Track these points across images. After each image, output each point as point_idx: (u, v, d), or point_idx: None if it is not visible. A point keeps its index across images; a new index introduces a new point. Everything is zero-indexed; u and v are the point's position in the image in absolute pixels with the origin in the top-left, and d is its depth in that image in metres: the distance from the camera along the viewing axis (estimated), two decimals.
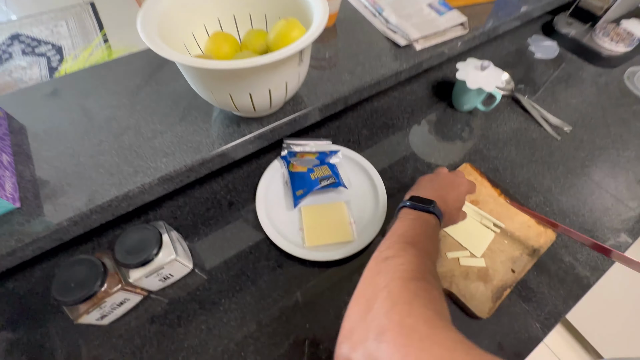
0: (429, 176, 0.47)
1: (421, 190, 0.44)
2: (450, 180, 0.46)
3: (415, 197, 0.41)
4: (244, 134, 0.50)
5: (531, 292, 0.49)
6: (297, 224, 0.53)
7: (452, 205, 0.43)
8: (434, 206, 0.39)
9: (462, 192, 0.45)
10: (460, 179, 0.47)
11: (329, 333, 0.45)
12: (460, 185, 0.46)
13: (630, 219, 0.57)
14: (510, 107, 0.73)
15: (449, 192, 0.44)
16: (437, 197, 0.41)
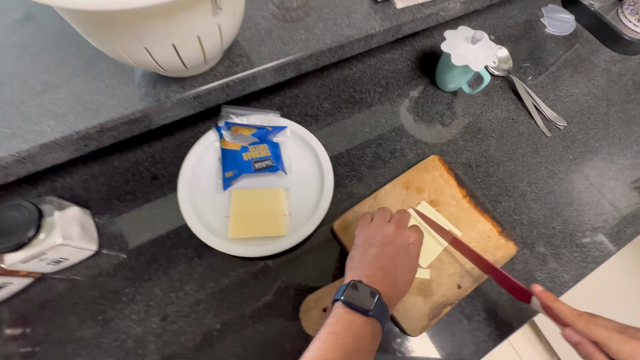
0: (369, 234, 0.38)
1: (363, 265, 0.35)
2: (399, 242, 0.37)
3: (354, 286, 0.32)
4: (159, 98, 0.40)
5: (475, 311, 0.44)
6: (225, 210, 0.46)
7: (402, 282, 0.35)
8: (377, 305, 0.31)
9: (413, 256, 0.37)
10: (411, 235, 0.38)
11: (243, 335, 0.40)
12: (413, 246, 0.37)
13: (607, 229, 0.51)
14: (502, 91, 0.62)
15: (399, 263, 0.35)
16: (384, 276, 0.34)
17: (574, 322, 0.32)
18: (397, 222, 0.38)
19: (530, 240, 0.49)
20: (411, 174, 0.50)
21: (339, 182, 0.51)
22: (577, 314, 0.32)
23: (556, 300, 0.34)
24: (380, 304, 0.32)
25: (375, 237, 0.37)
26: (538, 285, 0.36)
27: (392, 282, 0.34)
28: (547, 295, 0.35)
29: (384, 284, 0.33)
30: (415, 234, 0.38)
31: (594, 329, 0.31)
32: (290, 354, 0.40)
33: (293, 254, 0.45)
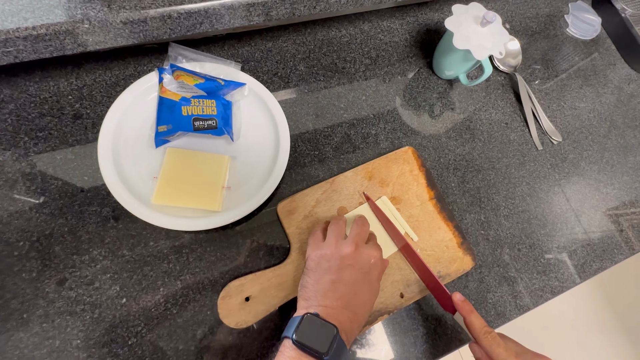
0: (324, 257, 0.33)
1: (319, 294, 0.30)
2: (359, 264, 0.32)
3: (308, 321, 0.27)
4: (74, 14, 0.31)
5: (414, 324, 0.40)
6: (155, 171, 0.39)
7: (362, 311, 0.31)
8: (334, 345, 0.27)
9: (375, 280, 0.33)
10: (371, 254, 0.33)
11: (151, 314, 0.35)
12: (374, 267, 0.33)
13: (574, 260, 0.47)
14: (502, 90, 0.55)
15: (360, 289, 0.31)
16: (344, 307, 0.30)
17: (479, 338, 0.32)
18: (356, 240, 0.33)
19: (491, 259, 0.45)
20: (378, 163, 0.43)
21: (297, 161, 0.44)
22: (485, 331, 0.32)
23: (472, 312, 0.34)
24: (338, 343, 0.27)
25: (332, 261, 0.32)
26: (458, 294, 0.35)
27: (352, 313, 0.30)
28: (464, 305, 0.34)
29: (343, 317, 0.29)
30: (376, 253, 0.34)
31: (495, 348, 0.31)
32: (201, 342, 0.36)
33: (227, 232, 0.40)
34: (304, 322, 0.28)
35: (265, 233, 0.41)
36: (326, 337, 0.27)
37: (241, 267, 0.39)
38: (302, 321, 0.28)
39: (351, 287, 0.30)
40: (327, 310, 0.29)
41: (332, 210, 0.41)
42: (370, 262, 0.32)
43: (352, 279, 0.31)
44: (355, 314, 0.30)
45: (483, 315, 0.42)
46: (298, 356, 0.26)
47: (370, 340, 0.39)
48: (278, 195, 0.42)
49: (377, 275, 0.33)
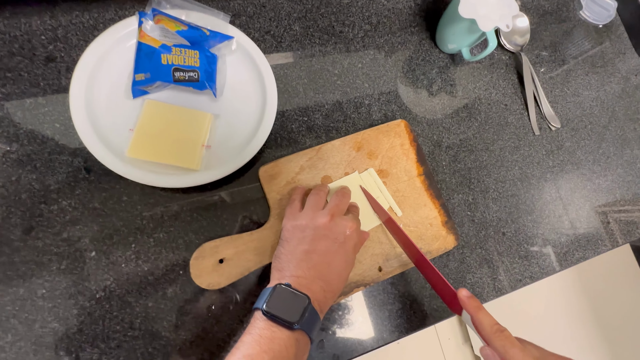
0: (298, 227, 0.32)
1: (292, 264, 0.29)
2: (334, 235, 0.31)
3: (279, 292, 0.27)
4: None
5: (389, 299, 0.40)
6: (132, 123, 0.37)
7: (336, 282, 0.30)
8: (305, 315, 0.26)
9: (350, 250, 0.31)
10: (347, 225, 0.32)
11: (121, 270, 0.34)
12: (349, 238, 0.31)
13: (557, 248, 0.47)
14: (505, 70, 0.53)
15: (334, 259, 0.30)
16: (317, 277, 0.29)
17: (490, 338, 0.28)
18: (332, 211, 0.32)
19: (474, 240, 0.45)
20: (368, 134, 0.42)
21: (284, 125, 0.42)
22: (497, 330, 0.28)
23: (480, 309, 0.30)
24: (310, 312, 0.27)
25: (306, 231, 0.31)
26: (465, 290, 0.31)
27: (325, 283, 0.29)
28: (471, 302, 0.30)
29: (315, 286, 0.29)
30: (352, 224, 0.32)
31: (509, 349, 0.27)
32: (171, 300, 0.35)
33: (205, 193, 0.38)
34: (275, 293, 0.27)
35: (245, 197, 0.39)
36: (297, 307, 0.26)
37: (218, 229, 0.38)
38: (273, 292, 0.27)
39: (324, 257, 0.30)
40: (300, 280, 0.28)
41: (316, 178, 0.39)
42: (346, 233, 0.31)
43: (326, 249, 0.30)
44: (328, 284, 0.29)
45: None
46: (268, 327, 0.26)
47: (345, 312, 0.39)
48: (262, 159, 0.41)
49: (352, 246, 0.32)
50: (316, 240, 0.30)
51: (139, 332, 0.34)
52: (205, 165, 0.37)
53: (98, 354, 0.33)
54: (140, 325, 0.34)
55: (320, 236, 0.31)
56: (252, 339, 0.25)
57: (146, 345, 0.34)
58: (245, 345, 0.25)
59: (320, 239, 0.30)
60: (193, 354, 0.34)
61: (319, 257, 0.30)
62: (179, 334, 0.34)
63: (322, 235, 0.31)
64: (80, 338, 0.32)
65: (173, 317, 0.35)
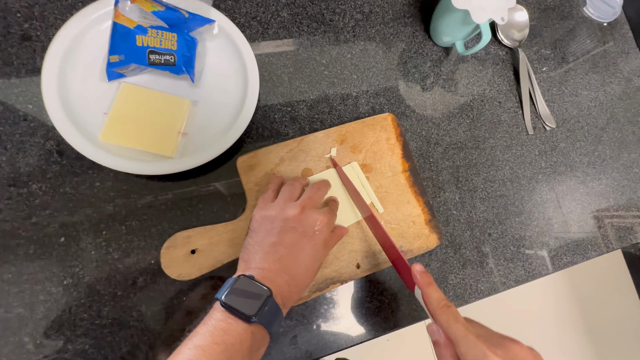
0: (267, 218, 0.31)
1: (257, 256, 0.29)
2: (303, 228, 0.30)
3: (241, 283, 0.26)
4: None
5: (367, 296, 0.39)
6: (106, 106, 0.36)
7: (303, 276, 0.29)
8: (264, 309, 0.25)
9: (319, 245, 0.30)
10: (318, 218, 0.31)
11: (90, 257, 0.34)
12: (319, 232, 0.30)
13: (545, 251, 0.46)
14: (501, 66, 0.51)
15: (300, 253, 0.29)
16: (281, 270, 0.28)
17: (435, 312, 0.27)
18: (304, 203, 0.31)
19: (459, 240, 0.44)
20: (353, 127, 0.40)
21: (266, 115, 0.41)
22: (444, 305, 0.27)
23: (430, 284, 0.29)
24: (271, 306, 0.26)
25: (275, 222, 0.30)
26: (419, 265, 0.30)
27: (291, 277, 0.29)
28: (424, 277, 0.29)
29: (280, 280, 0.28)
30: (323, 218, 0.31)
31: (452, 324, 0.26)
32: (141, 290, 0.34)
33: (181, 182, 0.37)
34: (236, 284, 0.26)
35: (223, 187, 0.38)
36: (257, 299, 0.26)
37: (193, 219, 0.37)
38: (235, 283, 0.27)
39: (291, 250, 0.29)
40: (264, 273, 0.28)
41: (296, 170, 0.38)
42: (315, 227, 0.30)
43: (293, 242, 0.29)
44: (293, 278, 0.29)
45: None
46: (224, 318, 0.25)
47: (321, 308, 0.38)
48: (243, 150, 0.39)
49: (322, 241, 0.31)
50: (284, 232, 0.29)
51: (107, 320, 0.33)
52: (181, 153, 0.36)
53: (64, 341, 0.32)
54: (108, 314, 0.33)
55: (288, 228, 0.30)
56: (206, 329, 0.25)
57: (113, 335, 0.33)
58: (198, 335, 0.24)
59: (288, 231, 0.29)
60: (161, 344, 0.34)
61: (285, 250, 0.29)
62: (148, 325, 0.34)
63: (290, 227, 0.30)
64: (46, 324, 0.32)
65: (142, 307, 0.34)
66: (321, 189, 0.33)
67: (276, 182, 0.35)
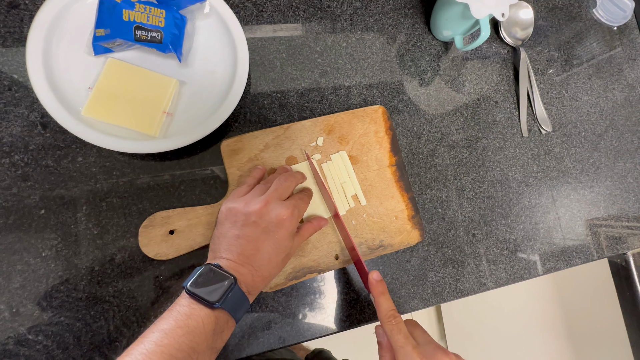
0: (232, 211, 0.31)
1: (223, 247, 0.30)
2: (264, 223, 0.30)
3: (208, 272, 0.27)
4: None
5: (343, 288, 0.39)
6: (92, 81, 0.35)
7: (267, 267, 0.30)
8: (228, 295, 0.26)
9: (281, 239, 0.31)
10: (281, 213, 0.31)
11: (69, 231, 0.34)
12: (280, 227, 0.30)
13: (527, 254, 0.46)
14: (501, 65, 0.50)
15: (262, 247, 0.30)
16: (245, 261, 0.29)
17: (383, 321, 0.31)
18: (268, 197, 0.31)
19: (442, 239, 0.43)
20: (342, 117, 0.40)
21: (255, 100, 0.40)
22: (391, 315, 0.30)
23: (383, 294, 0.32)
24: (235, 293, 0.27)
25: (238, 216, 0.31)
26: (376, 272, 0.33)
27: (255, 269, 0.29)
28: (378, 285, 0.33)
29: (244, 270, 0.29)
30: (286, 212, 0.31)
31: (395, 334, 0.29)
32: (118, 267, 0.34)
33: (165, 163, 0.37)
34: (202, 273, 0.27)
35: (206, 171, 0.38)
36: (221, 287, 0.26)
37: (174, 200, 0.37)
38: (201, 271, 0.27)
39: (253, 243, 0.30)
40: (229, 263, 0.29)
41: (280, 158, 0.38)
42: (276, 222, 0.30)
43: (254, 236, 0.30)
44: (257, 269, 0.29)
45: (418, 292, 0.41)
46: (189, 304, 0.26)
47: (298, 296, 0.38)
48: (229, 135, 0.39)
49: (285, 234, 0.31)
50: (246, 226, 0.30)
51: (83, 294, 0.33)
52: (165, 133, 0.36)
53: (39, 311, 0.32)
54: (85, 288, 0.34)
55: (250, 223, 0.30)
56: (170, 314, 0.25)
57: (88, 308, 0.33)
58: (162, 320, 0.25)
59: (250, 225, 0.30)
60: (135, 321, 0.34)
61: (247, 243, 0.29)
62: (123, 301, 0.34)
63: (251, 222, 0.30)
64: (22, 294, 0.32)
65: (119, 283, 0.34)
66: (288, 179, 0.33)
67: (256, 175, 0.35)
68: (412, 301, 0.41)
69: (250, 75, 0.41)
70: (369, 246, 0.39)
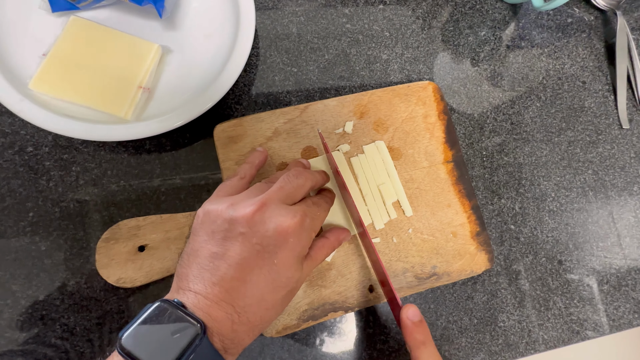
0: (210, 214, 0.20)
1: (192, 271, 0.19)
2: (256, 237, 0.19)
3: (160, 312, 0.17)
4: None
5: (376, 333, 0.28)
6: (47, 46, 0.27)
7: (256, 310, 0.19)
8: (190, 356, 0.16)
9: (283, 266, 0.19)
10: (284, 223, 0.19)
11: (5, 246, 0.25)
12: (279, 246, 0.19)
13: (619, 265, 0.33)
14: (588, 35, 0.38)
15: (251, 276, 0.19)
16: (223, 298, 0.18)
17: None
18: (266, 199, 0.20)
19: (516, 267, 0.31)
20: (378, 95, 0.29)
21: (264, 76, 0.31)
22: None
23: (425, 345, 0.22)
24: (202, 352, 0.16)
25: (218, 223, 0.20)
26: (412, 308, 0.22)
27: (236, 311, 0.18)
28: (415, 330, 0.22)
29: (219, 312, 0.18)
30: (292, 221, 0.19)
31: None
32: (71, 297, 0.25)
33: (142, 156, 0.28)
34: (150, 315, 0.17)
35: (195, 168, 0.28)
36: (178, 341, 0.16)
37: (150, 205, 0.27)
38: (150, 313, 0.17)
39: (238, 269, 0.18)
40: (197, 299, 0.17)
41: (294, 148, 0.27)
42: (275, 236, 0.19)
43: (240, 257, 0.18)
44: (240, 313, 0.18)
45: (485, 342, 0.29)
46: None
47: (300, 344, 0.27)
48: (226, 115, 0.29)
49: (288, 258, 0.19)
50: (228, 240, 0.19)
51: (19, 334, 0.24)
52: (139, 115, 0.27)
53: None
54: (23, 325, 0.24)
55: (234, 235, 0.19)
56: None
57: (25, 356, 0.24)
58: None
59: (235, 238, 0.19)
60: None
61: (229, 269, 0.18)
62: (75, 345, 0.25)
63: (237, 233, 0.19)
64: None
65: (70, 319, 0.25)
66: (301, 177, 0.22)
67: (252, 162, 0.24)
68: (476, 355, 0.29)
69: (258, 43, 0.31)
70: (416, 274, 0.27)
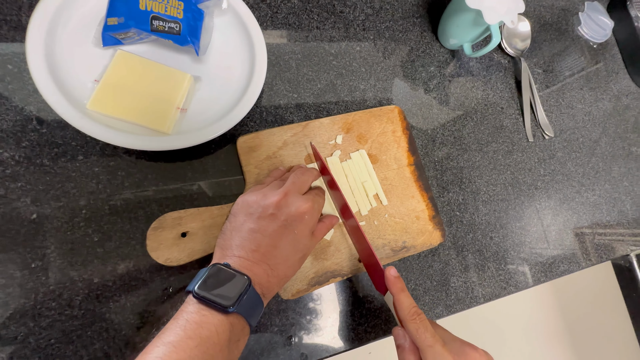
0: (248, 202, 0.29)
1: (235, 243, 0.27)
2: (283, 216, 0.28)
3: (216, 272, 0.24)
4: None
5: (368, 295, 0.37)
6: (99, 74, 0.33)
7: (284, 267, 0.27)
8: (242, 298, 0.23)
9: (301, 235, 0.28)
10: (301, 205, 0.29)
11: (66, 237, 0.30)
12: (301, 221, 0.28)
13: (543, 258, 0.45)
14: (504, 73, 0.52)
15: (280, 242, 0.27)
16: (260, 259, 0.26)
17: (405, 320, 0.28)
18: (287, 189, 0.29)
19: (461, 243, 0.42)
20: (359, 116, 0.39)
21: (271, 100, 0.39)
22: (414, 312, 0.28)
23: (403, 290, 0.30)
24: (250, 295, 0.24)
25: (254, 207, 0.28)
26: (393, 269, 0.31)
27: (270, 267, 0.26)
28: (397, 282, 0.30)
29: (258, 269, 0.26)
30: (305, 205, 0.29)
31: (422, 333, 0.27)
32: (121, 278, 0.30)
33: (176, 163, 0.34)
34: (210, 274, 0.24)
35: (220, 170, 0.35)
36: (234, 288, 0.23)
37: (185, 202, 0.34)
38: (208, 273, 0.24)
39: (270, 239, 0.27)
40: (241, 261, 0.26)
41: (299, 155, 0.36)
42: (296, 215, 0.28)
43: (272, 230, 0.27)
44: (273, 269, 0.26)
45: (442, 298, 0.40)
46: (198, 310, 0.23)
47: (319, 306, 0.35)
48: (242, 130, 0.37)
49: (305, 230, 0.29)
50: (262, 219, 0.27)
51: (79, 311, 0.29)
52: (178, 130, 0.33)
53: (25, 334, 0.28)
54: (81, 304, 0.29)
55: (267, 215, 0.28)
56: (176, 324, 0.22)
57: (84, 328, 0.29)
58: (167, 331, 0.22)
59: (267, 218, 0.28)
60: (140, 342, 0.30)
61: (263, 238, 0.27)
62: (126, 318, 0.30)
63: (269, 214, 0.28)
64: (4, 313, 0.27)
65: (122, 297, 0.30)
66: (305, 173, 0.32)
67: (275, 175, 0.34)
68: (436, 308, 0.39)
69: (266, 74, 0.40)
70: (392, 248, 0.37)
